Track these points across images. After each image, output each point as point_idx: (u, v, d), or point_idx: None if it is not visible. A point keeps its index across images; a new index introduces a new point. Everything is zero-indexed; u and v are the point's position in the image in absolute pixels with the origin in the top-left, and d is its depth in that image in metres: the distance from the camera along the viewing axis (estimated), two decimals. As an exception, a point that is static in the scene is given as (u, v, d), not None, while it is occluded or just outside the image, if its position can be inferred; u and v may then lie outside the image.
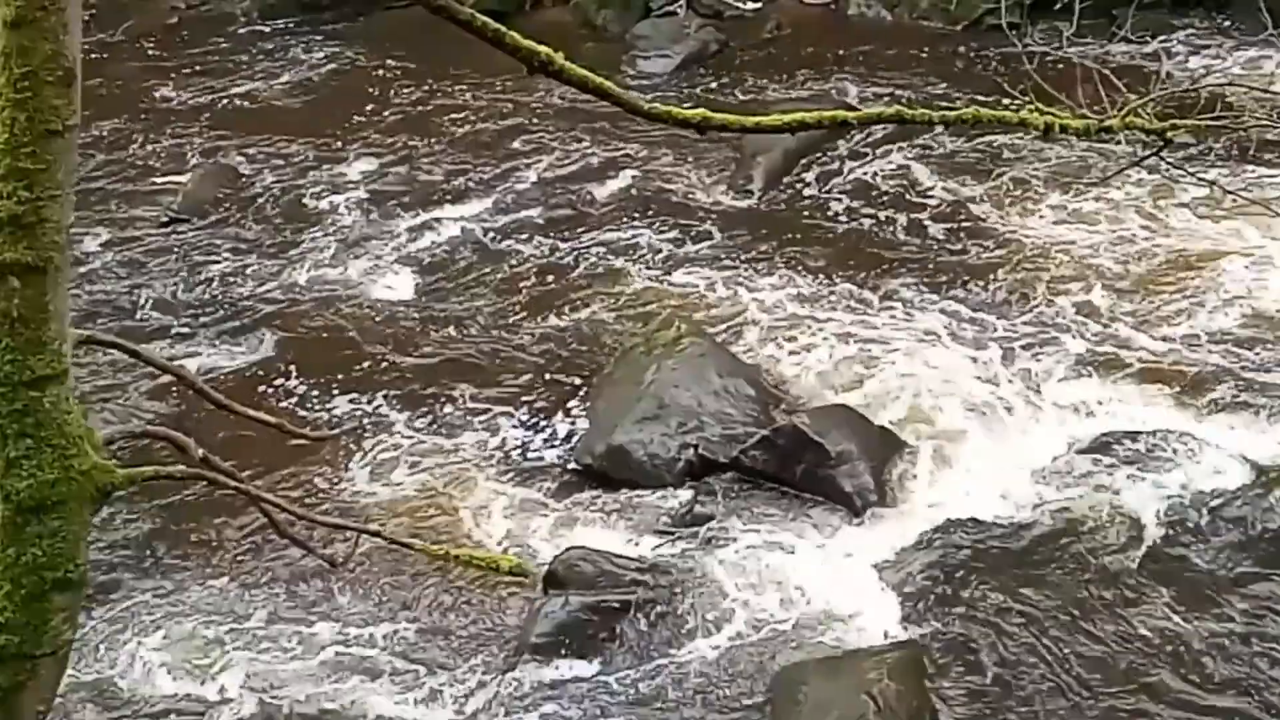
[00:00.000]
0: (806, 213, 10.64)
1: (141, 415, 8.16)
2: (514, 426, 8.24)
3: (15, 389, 3.84)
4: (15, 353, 3.78)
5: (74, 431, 3.97)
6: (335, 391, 8.67)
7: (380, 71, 14.15)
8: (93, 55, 13.34)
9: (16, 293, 3.73)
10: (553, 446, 8.05)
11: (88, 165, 11.31)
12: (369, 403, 8.51)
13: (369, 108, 13.34)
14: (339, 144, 12.44)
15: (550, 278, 9.97)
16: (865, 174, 11.01)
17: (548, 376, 8.75)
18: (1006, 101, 6.59)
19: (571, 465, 7.84)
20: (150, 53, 14.72)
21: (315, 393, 8.68)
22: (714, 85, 13.27)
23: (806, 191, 10.96)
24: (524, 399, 8.52)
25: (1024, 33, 12.18)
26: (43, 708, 4.38)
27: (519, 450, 8.02)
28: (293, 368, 8.96)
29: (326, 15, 15.84)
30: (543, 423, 8.27)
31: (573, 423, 8.23)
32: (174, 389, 8.44)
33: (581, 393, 8.50)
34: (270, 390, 8.63)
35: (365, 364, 8.95)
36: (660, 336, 8.57)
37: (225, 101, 13.71)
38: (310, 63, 14.64)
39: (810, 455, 7.42)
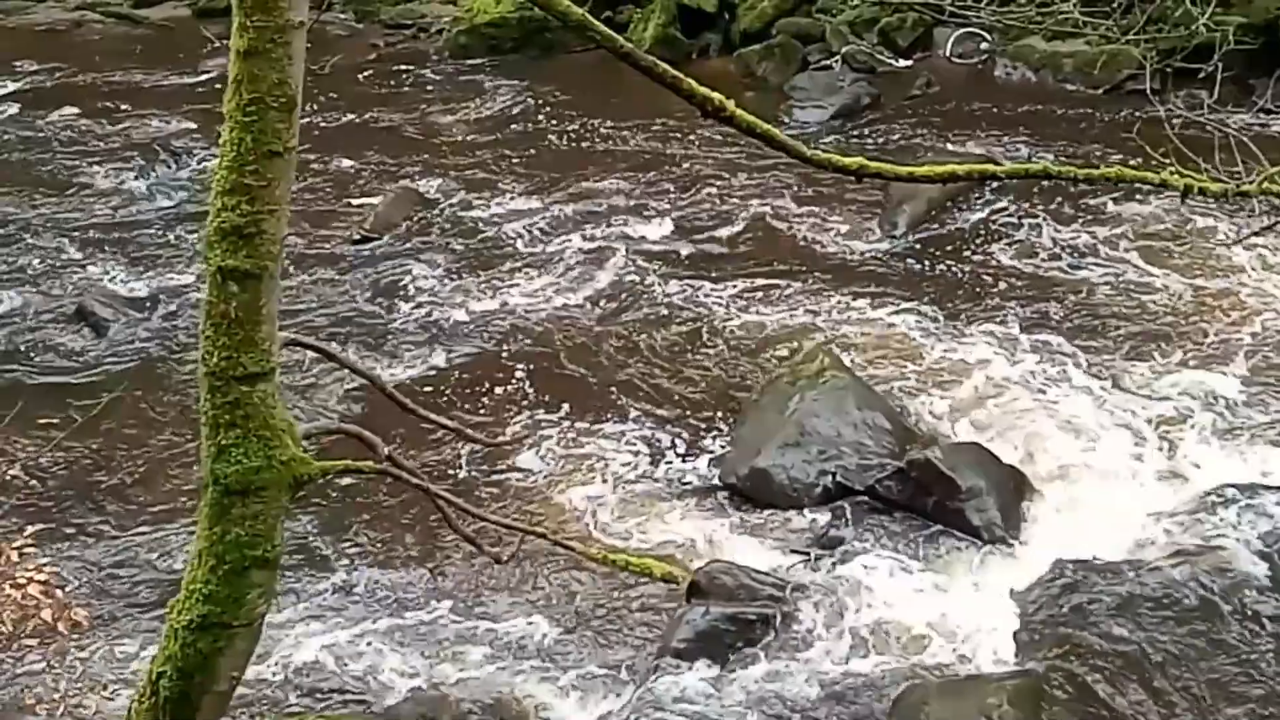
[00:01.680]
0: (948, 258, 10.50)
1: (330, 413, 8.32)
2: (666, 443, 8.22)
3: (228, 383, 3.95)
4: (230, 350, 3.89)
5: (277, 424, 4.07)
6: (504, 401, 8.75)
7: (558, 109, 14.33)
8: (304, 84, 13.67)
9: (234, 296, 3.84)
10: (701, 465, 8.00)
11: (294, 183, 11.57)
12: (535, 413, 8.56)
13: (546, 142, 13.52)
14: (517, 174, 12.61)
15: (703, 307, 9.95)
16: (1006, 225, 10.81)
17: (698, 399, 8.74)
18: (1144, 162, 6.44)
19: (717, 483, 7.80)
20: (352, 85, 15.05)
21: (487, 401, 8.76)
22: (865, 136, 13.19)
23: (949, 238, 10.82)
24: (676, 419, 8.51)
25: (1165, 98, 11.92)
26: (236, 673, 4.49)
27: (670, 466, 8.00)
28: (467, 377, 9.07)
29: (511, 56, 16.09)
30: (692, 442, 8.24)
31: (719, 444, 8.18)
32: (361, 391, 8.61)
33: (729, 417, 8.45)
34: (446, 397, 8.71)
35: (532, 377, 9.01)
36: (804, 369, 8.50)
37: (416, 131, 14.00)
38: (495, 99, 14.87)
39: (941, 488, 7.30)
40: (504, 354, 9.38)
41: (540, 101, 14.64)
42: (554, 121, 14.05)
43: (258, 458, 4.03)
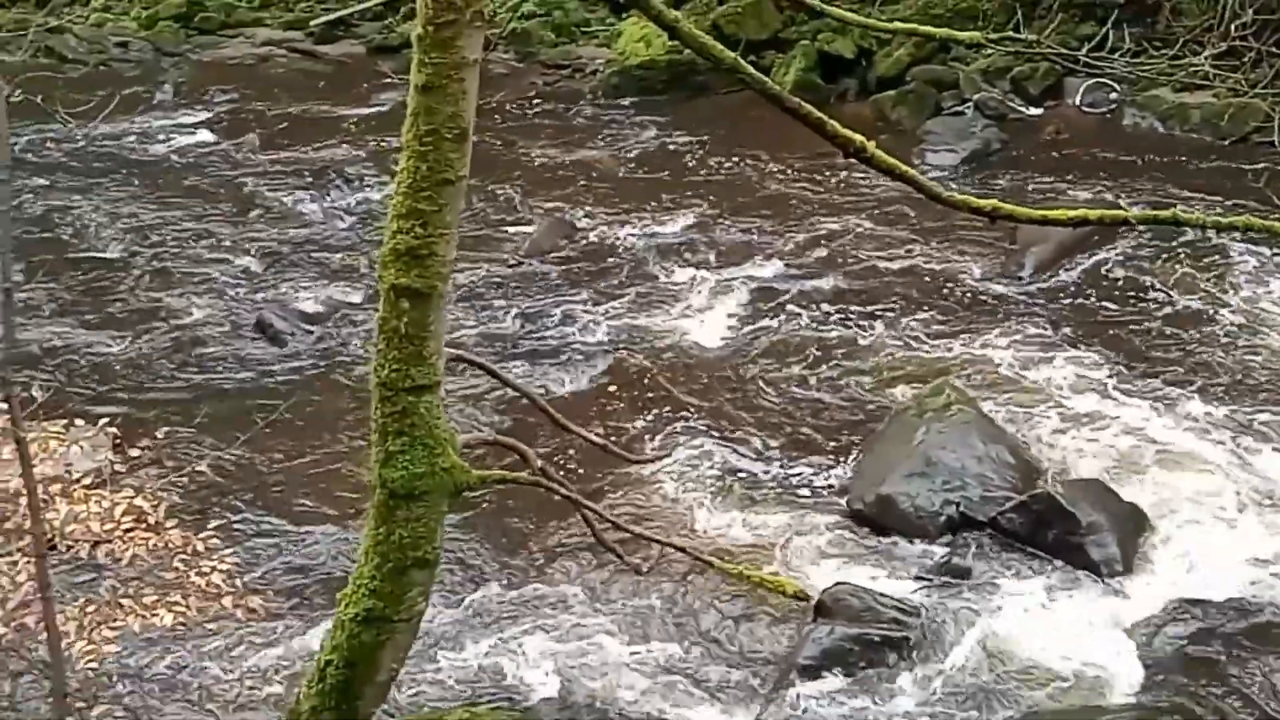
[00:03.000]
0: (1072, 301, 10.30)
1: (481, 425, 8.42)
2: (795, 467, 8.18)
3: (397, 394, 4.04)
4: (399, 363, 3.98)
5: (440, 434, 4.14)
6: (645, 420, 8.78)
7: (703, 147, 14.37)
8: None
9: (405, 313, 3.92)
10: (828, 490, 7.95)
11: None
12: (672, 433, 8.57)
13: (690, 178, 13.56)
14: (662, 207, 12.66)
15: (834, 339, 9.88)
16: (1132, 271, 10.58)
17: (826, 427, 8.67)
18: (1272, 213, 6.26)
19: (843, 508, 7.73)
20: (512, 120, 15.26)
21: (628, 419, 8.80)
22: (994, 180, 13.01)
23: (1074, 282, 10.61)
24: (805, 444, 8.46)
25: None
26: (396, 665, 4.57)
27: (798, 489, 7.96)
28: (610, 395, 9.13)
29: (660, 97, 16.18)
30: (820, 467, 8.18)
31: (846, 470, 8.13)
32: (509, 404, 8.71)
33: (856, 444, 8.39)
34: (591, 413, 8.73)
35: (671, 399, 9.03)
36: (931, 402, 8.40)
37: (569, 164, 14.13)
38: (643, 136, 14.96)
39: (1062, 523, 7.15)
40: (644, 375, 9.41)
41: (686, 140, 14.69)
42: (698, 159, 14.10)
43: (422, 465, 4.12)
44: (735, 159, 13.94)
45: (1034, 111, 14.93)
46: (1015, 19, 15.17)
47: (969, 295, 10.53)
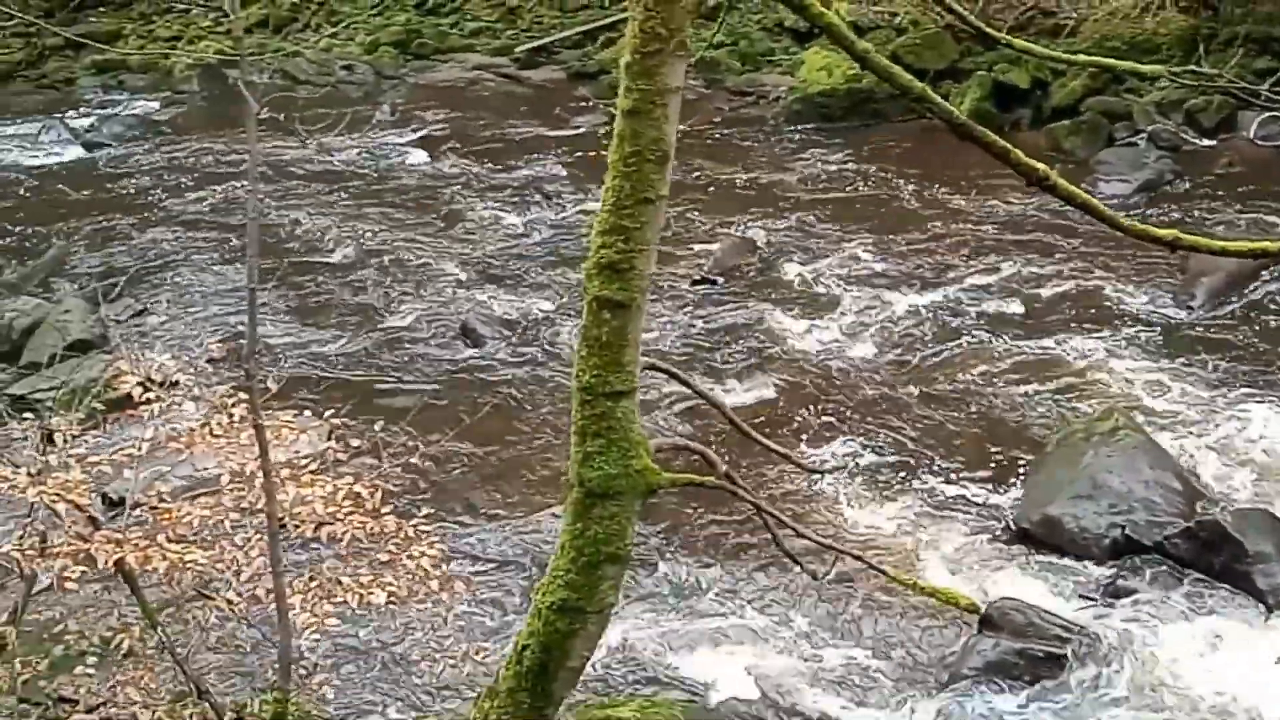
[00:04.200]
0: (1242, 331, 9.88)
1: (666, 430, 8.46)
2: (964, 484, 8.02)
3: (596, 398, 4.09)
4: (600, 369, 4.03)
5: (635, 438, 4.18)
6: (821, 432, 8.72)
7: (879, 173, 14.21)
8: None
9: (606, 323, 3.97)
10: (995, 507, 7.77)
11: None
12: (847, 445, 8.50)
13: (866, 202, 13.43)
14: (839, 229, 12.56)
15: (1000, 361, 9.68)
16: (1306, 305, 10.14)
17: (994, 446, 8.49)
18: None
19: (1010, 526, 7.54)
20: (698, 143, 15.31)
21: (805, 430, 8.75)
22: (1167, 210, 12.56)
23: (1245, 312, 10.19)
24: (974, 461, 8.29)
25: None
26: (587, 653, 4.63)
27: (967, 504, 7.80)
28: (788, 407, 9.07)
29: (840, 124, 16.06)
30: (988, 485, 8.01)
31: (1013, 490, 7.93)
32: (692, 412, 8.75)
33: (1023, 464, 8.19)
34: (768, 423, 8.64)
35: (846, 413, 8.96)
36: (1099, 425, 8.15)
37: (751, 186, 14.12)
38: (822, 161, 14.87)
39: (1229, 550, 6.83)
40: (818, 389, 9.35)
41: (863, 165, 14.55)
42: (874, 183, 13.95)
43: (617, 466, 4.16)
44: (909, 184, 13.76)
45: (1207, 143, 14.39)
46: (1197, 54, 14.59)
47: (1138, 322, 10.19)
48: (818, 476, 7.93)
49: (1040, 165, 4.00)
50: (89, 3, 23.49)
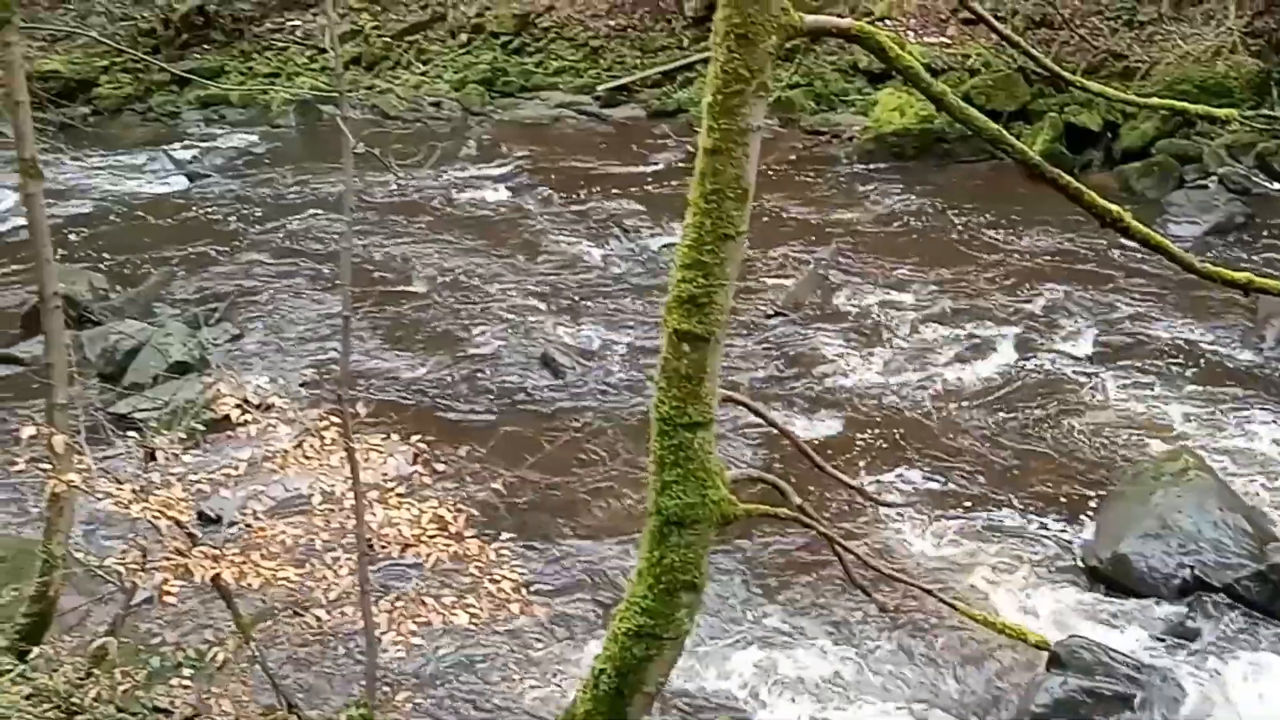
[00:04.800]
0: (1315, 375, 9.67)
1: (738, 462, 8.39)
2: (1032, 520, 7.89)
3: (675, 429, 4.05)
4: (678, 401, 4.00)
5: (712, 468, 4.14)
6: (891, 466, 8.61)
7: (949, 211, 14.10)
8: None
9: (685, 355, 3.94)
10: (1063, 544, 7.62)
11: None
12: (915, 480, 8.41)
13: (937, 239, 13.33)
14: (910, 265, 12.48)
15: (1068, 399, 9.53)
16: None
17: (1062, 483, 8.35)
18: None
19: (1079, 564, 7.41)
20: (773, 180, 15.27)
21: (873, 464, 8.65)
22: (1237, 253, 12.33)
23: (1318, 356, 9.96)
24: (1041, 498, 8.16)
25: None
26: (661, 679, 4.58)
27: (1036, 541, 7.66)
28: (859, 440, 8.98)
29: (911, 163, 15.99)
30: (1056, 522, 7.87)
31: (1082, 527, 7.79)
32: (760, 440, 8.69)
33: (1092, 502, 8.04)
34: (839, 456, 8.58)
35: (915, 448, 8.86)
36: (1168, 465, 7.98)
37: (824, 222, 14.07)
38: (894, 199, 14.78)
39: (1300, 594, 6.69)
40: (890, 423, 9.26)
41: (933, 203, 14.45)
42: (944, 221, 13.84)
43: (694, 495, 4.12)
44: (978, 222, 13.64)
45: (1278, 187, 14.11)
46: (1269, 97, 14.36)
47: (1208, 363, 10.00)
48: (888, 509, 7.82)
49: (1113, 207, 3.95)
50: (193, 41, 24.05)
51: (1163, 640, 6.61)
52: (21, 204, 5.70)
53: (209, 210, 15.55)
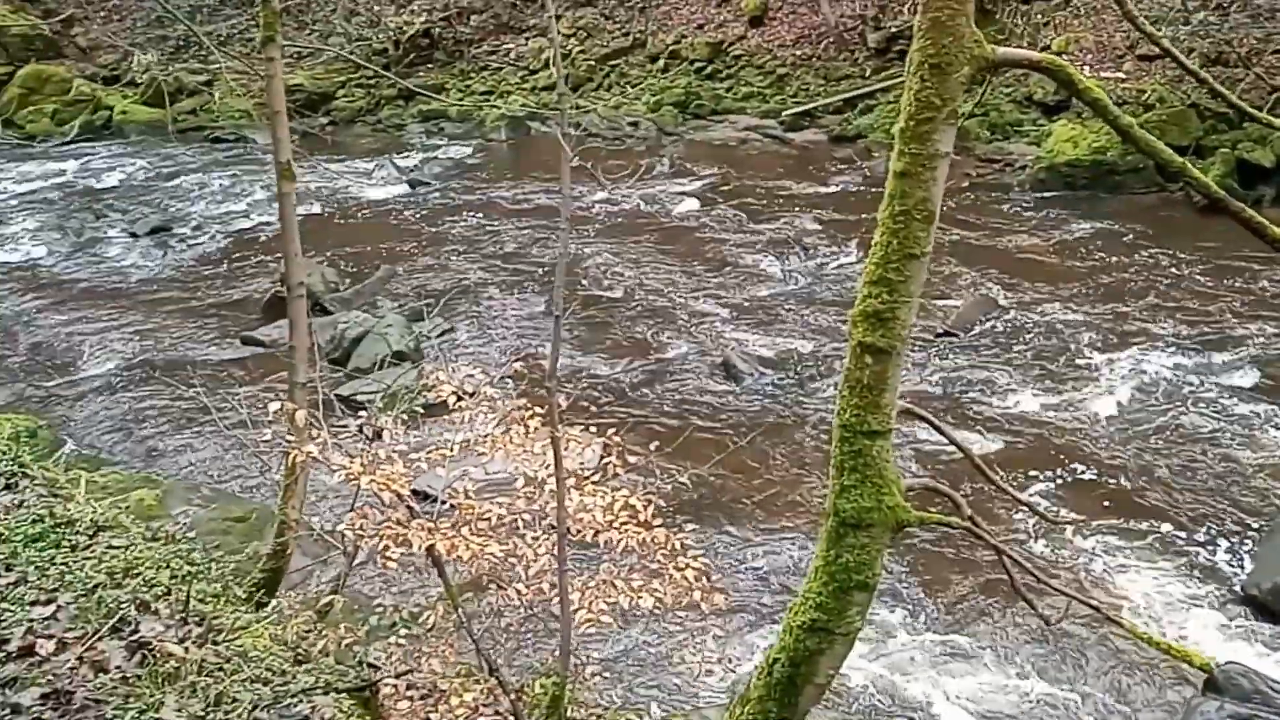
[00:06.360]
0: None
1: (908, 472, 8.22)
2: (1194, 545, 7.53)
3: (855, 436, 4.00)
4: (859, 410, 3.94)
5: (889, 476, 4.07)
6: (1054, 484, 8.33)
7: (1118, 239, 13.57)
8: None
9: (868, 367, 3.88)
10: (1224, 572, 7.26)
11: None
12: (1077, 499, 8.09)
13: (1105, 266, 12.82)
14: (1078, 291, 12.04)
15: (1234, 429, 9.05)
16: None
17: (1225, 512, 7.93)
18: None
19: (1239, 591, 7.04)
20: (947, 205, 14.88)
21: (1039, 481, 8.37)
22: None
23: None
24: (1204, 525, 7.78)
25: None
26: (831, 672, 4.51)
27: (1196, 565, 7.32)
28: (1024, 458, 8.70)
29: (1082, 192, 15.44)
30: (1219, 549, 7.49)
31: (1244, 556, 7.39)
32: (930, 455, 8.49)
33: (1252, 533, 7.62)
34: (1007, 471, 8.29)
35: (1077, 469, 8.54)
36: (1335, 499, 7.51)
37: (994, 247, 13.68)
38: (1064, 227, 14.29)
39: None
40: (1054, 444, 8.94)
41: (1102, 232, 13.90)
42: (1112, 250, 13.29)
43: (871, 500, 4.06)
44: (1147, 252, 13.07)
45: None
46: None
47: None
48: (1051, 526, 7.54)
49: (1295, 239, 3.73)
50: (419, 61, 24.85)
51: (1325, 673, 6.21)
52: (274, 202, 5.95)
53: (427, 214, 16.03)
